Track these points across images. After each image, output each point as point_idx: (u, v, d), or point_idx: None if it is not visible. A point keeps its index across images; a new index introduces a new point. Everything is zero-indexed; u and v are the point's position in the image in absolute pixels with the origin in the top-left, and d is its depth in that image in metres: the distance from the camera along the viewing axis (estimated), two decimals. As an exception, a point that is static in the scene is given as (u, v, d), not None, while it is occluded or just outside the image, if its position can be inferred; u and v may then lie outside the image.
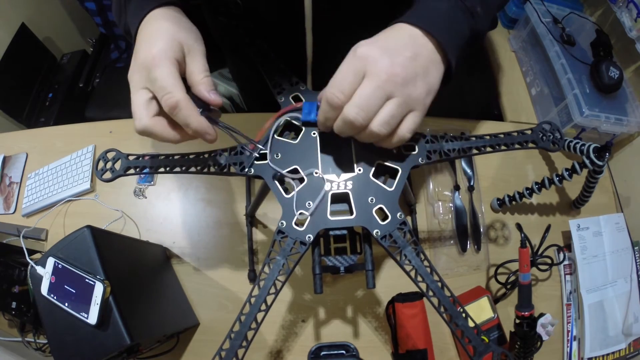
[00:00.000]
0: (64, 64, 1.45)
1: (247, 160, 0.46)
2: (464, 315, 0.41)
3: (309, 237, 0.43)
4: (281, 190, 0.45)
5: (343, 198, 0.45)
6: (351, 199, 0.44)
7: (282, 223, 0.43)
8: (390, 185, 0.45)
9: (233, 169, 0.46)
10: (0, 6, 1.25)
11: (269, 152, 0.46)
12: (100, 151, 0.53)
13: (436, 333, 0.68)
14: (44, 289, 0.51)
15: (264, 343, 0.69)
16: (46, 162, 0.85)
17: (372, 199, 0.44)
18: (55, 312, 0.51)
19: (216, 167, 0.46)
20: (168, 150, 0.48)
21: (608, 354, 0.72)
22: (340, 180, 0.45)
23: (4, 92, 1.26)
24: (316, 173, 0.45)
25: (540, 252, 0.70)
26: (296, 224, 0.43)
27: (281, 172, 0.45)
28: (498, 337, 0.68)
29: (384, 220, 0.44)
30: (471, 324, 0.41)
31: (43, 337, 0.69)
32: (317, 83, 0.62)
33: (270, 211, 0.78)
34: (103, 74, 1.44)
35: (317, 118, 0.43)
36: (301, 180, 0.45)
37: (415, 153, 0.46)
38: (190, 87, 0.42)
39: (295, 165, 0.46)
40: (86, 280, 0.50)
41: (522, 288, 0.64)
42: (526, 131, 0.49)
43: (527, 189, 0.75)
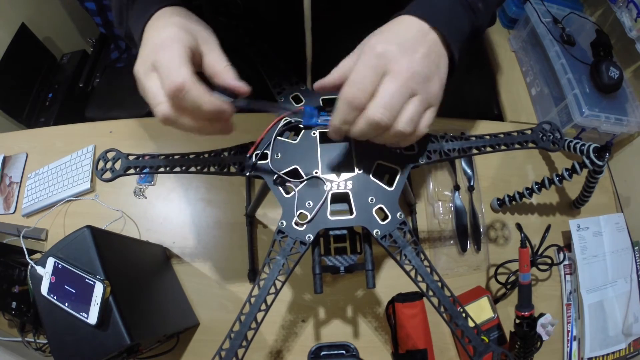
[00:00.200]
0: (64, 64, 1.45)
1: (247, 161, 0.46)
2: (464, 315, 0.41)
3: (309, 237, 0.43)
4: (281, 190, 0.45)
5: (343, 198, 0.45)
6: (351, 198, 0.44)
7: (282, 223, 0.43)
8: (390, 185, 0.45)
9: (233, 169, 0.46)
10: (0, 6, 1.25)
11: (270, 153, 0.46)
12: (100, 151, 0.53)
13: (436, 333, 0.68)
14: (44, 289, 0.51)
15: (264, 343, 0.69)
16: (46, 162, 0.85)
17: (372, 198, 0.44)
18: (55, 312, 0.51)
19: (216, 167, 0.46)
20: (168, 150, 0.48)
21: (608, 354, 0.72)
22: (340, 180, 0.45)
23: (4, 92, 1.26)
24: (316, 173, 0.45)
25: (540, 252, 0.70)
26: (296, 224, 0.43)
27: (281, 176, 0.45)
28: (498, 337, 0.68)
29: (384, 220, 0.44)
30: (471, 324, 0.41)
31: (43, 337, 0.69)
32: None
33: (270, 211, 0.78)
34: (103, 74, 1.44)
35: (332, 123, 0.39)
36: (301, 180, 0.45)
37: (415, 153, 0.46)
38: (212, 78, 0.39)
39: (295, 165, 0.46)
40: (86, 280, 0.50)
41: (522, 288, 0.64)
42: (526, 131, 0.49)
43: (527, 189, 0.75)
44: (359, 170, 0.46)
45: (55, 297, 0.51)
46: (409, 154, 0.46)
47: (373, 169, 0.46)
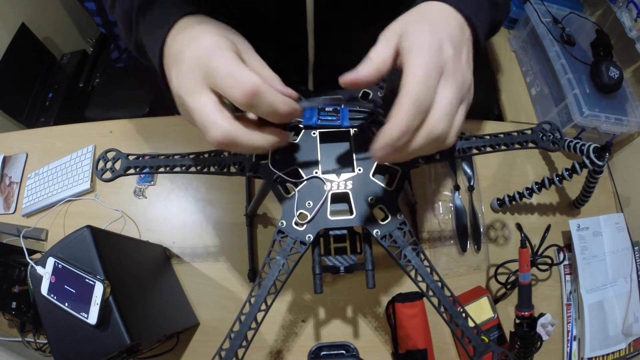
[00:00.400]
0: (64, 64, 1.45)
1: (247, 161, 0.46)
2: (464, 315, 0.41)
3: (309, 237, 0.43)
4: (281, 190, 0.45)
5: (343, 198, 0.45)
6: (351, 198, 0.44)
7: (282, 223, 0.43)
8: (390, 185, 0.45)
9: (233, 169, 0.46)
10: (0, 6, 1.25)
11: (270, 153, 0.46)
12: (100, 151, 0.53)
13: (436, 333, 0.68)
14: (44, 289, 0.51)
15: (264, 343, 0.69)
16: (46, 162, 0.85)
17: (372, 198, 0.44)
18: (55, 312, 0.51)
19: (216, 167, 0.46)
20: (168, 150, 0.48)
21: (608, 354, 0.72)
22: (340, 180, 0.45)
23: (4, 92, 1.26)
24: (316, 173, 0.45)
25: (540, 252, 0.70)
26: (296, 224, 0.43)
27: (281, 175, 0.45)
28: (498, 337, 0.68)
29: (384, 220, 0.44)
30: (471, 324, 0.41)
31: (43, 337, 0.69)
32: (319, 83, 0.62)
33: (270, 211, 0.78)
34: (103, 74, 1.44)
35: (390, 134, 0.30)
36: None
37: None
38: None
39: (295, 166, 0.46)
40: (86, 280, 0.50)
41: (522, 288, 0.64)
42: (526, 131, 0.49)
43: (527, 189, 0.75)
44: (359, 170, 0.46)
45: (55, 297, 0.51)
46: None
47: (373, 169, 0.46)
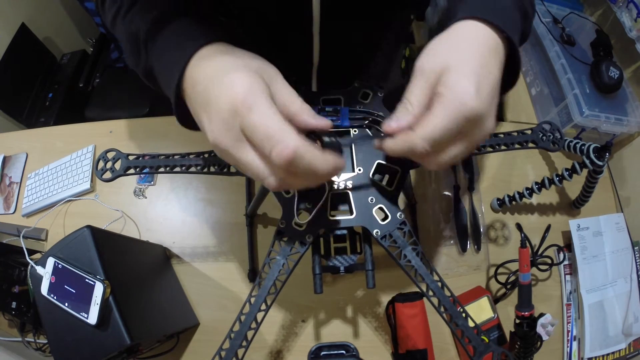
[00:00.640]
0: (64, 64, 1.45)
1: None
2: (464, 315, 0.41)
3: (309, 237, 0.43)
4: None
5: (343, 198, 0.45)
6: (351, 198, 0.44)
7: (282, 223, 0.43)
8: (390, 185, 0.45)
9: (233, 169, 0.46)
10: (0, 6, 1.25)
11: None
12: (100, 151, 0.53)
13: (436, 333, 0.68)
14: (44, 289, 0.51)
15: (264, 343, 0.69)
16: (46, 162, 0.85)
17: (372, 198, 0.44)
18: (55, 312, 0.51)
19: (216, 167, 0.46)
20: (168, 150, 0.48)
21: (608, 354, 0.72)
22: (340, 180, 0.45)
23: (4, 92, 1.26)
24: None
25: (540, 252, 0.70)
26: (296, 224, 0.43)
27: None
28: (498, 337, 0.68)
29: (384, 220, 0.44)
30: (471, 324, 0.41)
31: (43, 337, 0.69)
32: (322, 86, 0.61)
33: (270, 211, 0.78)
34: (103, 74, 1.44)
35: (392, 146, 0.35)
36: None
37: None
38: (290, 120, 0.33)
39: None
40: (86, 280, 0.50)
41: (522, 288, 0.64)
42: (526, 131, 0.49)
43: (527, 189, 0.75)
44: (359, 170, 0.46)
45: (55, 297, 0.51)
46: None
47: (373, 169, 0.46)
